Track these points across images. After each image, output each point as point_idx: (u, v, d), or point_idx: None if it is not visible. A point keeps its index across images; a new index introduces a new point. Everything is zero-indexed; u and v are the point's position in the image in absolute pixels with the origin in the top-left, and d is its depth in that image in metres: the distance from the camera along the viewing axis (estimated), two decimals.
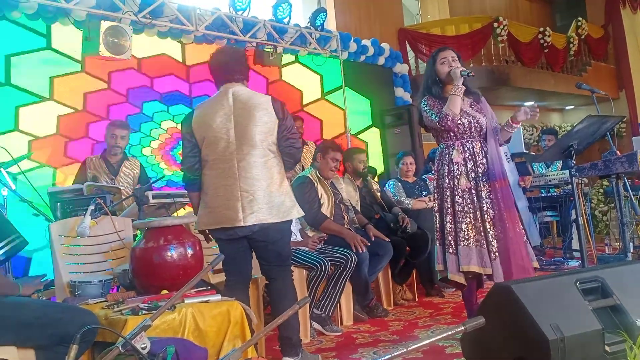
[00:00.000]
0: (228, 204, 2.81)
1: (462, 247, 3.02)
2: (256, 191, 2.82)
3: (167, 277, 2.58)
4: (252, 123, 2.84)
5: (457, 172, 3.08)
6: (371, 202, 4.74)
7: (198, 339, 2.30)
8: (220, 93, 2.93)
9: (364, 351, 3.29)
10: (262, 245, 2.91)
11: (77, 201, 3.43)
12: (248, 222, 2.79)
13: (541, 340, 2.12)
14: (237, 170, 2.82)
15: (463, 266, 3.01)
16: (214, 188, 2.86)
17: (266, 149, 2.87)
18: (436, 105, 3.11)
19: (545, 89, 9.93)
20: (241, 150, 2.83)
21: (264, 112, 2.87)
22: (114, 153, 4.14)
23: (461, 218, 3.04)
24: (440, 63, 3.15)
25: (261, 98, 2.93)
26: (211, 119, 2.86)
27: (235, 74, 2.93)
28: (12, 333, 2.01)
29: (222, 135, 2.84)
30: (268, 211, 2.83)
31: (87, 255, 3.00)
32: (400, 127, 7.03)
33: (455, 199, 3.07)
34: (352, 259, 3.83)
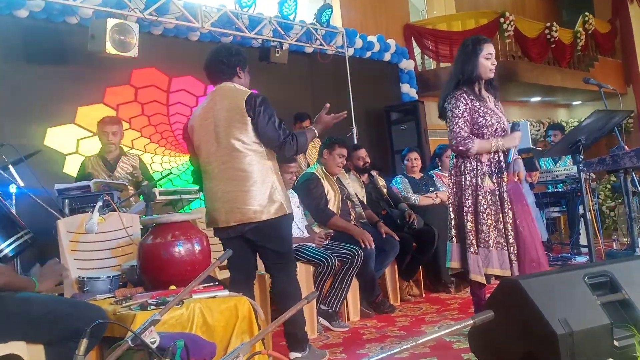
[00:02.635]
0: (213, 206, 2.90)
1: (482, 249, 2.98)
2: (235, 191, 2.83)
3: (175, 272, 2.59)
4: (226, 124, 2.84)
5: (481, 171, 3.01)
6: (377, 198, 4.74)
7: (206, 334, 2.31)
8: (208, 96, 3.00)
9: (371, 347, 3.30)
10: (259, 245, 2.94)
11: (85, 198, 3.45)
12: (230, 222, 2.84)
13: (550, 335, 2.12)
14: (218, 172, 2.87)
15: (486, 269, 2.96)
16: (205, 191, 2.98)
17: (244, 148, 2.83)
18: (467, 110, 2.97)
19: (552, 84, 9.88)
20: (218, 151, 2.86)
21: (236, 111, 2.83)
22: (109, 150, 4.12)
23: (483, 219, 2.98)
24: (486, 58, 3.01)
25: (239, 94, 2.87)
26: (198, 123, 2.93)
27: (217, 74, 2.94)
28: (21, 328, 2.02)
29: (207, 138, 2.89)
30: (252, 209, 2.81)
31: (95, 251, 3.01)
32: (407, 124, 7.02)
33: (478, 199, 2.99)
34: (359, 255, 3.83)
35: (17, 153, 3.28)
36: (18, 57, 4.46)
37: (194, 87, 5.60)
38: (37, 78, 4.50)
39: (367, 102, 7.00)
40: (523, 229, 3.02)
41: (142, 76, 5.24)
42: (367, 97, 6.97)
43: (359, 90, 6.72)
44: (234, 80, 2.95)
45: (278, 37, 5.96)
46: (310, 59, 6.51)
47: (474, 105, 3.02)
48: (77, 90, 4.72)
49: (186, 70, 5.40)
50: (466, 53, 3.06)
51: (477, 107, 3.02)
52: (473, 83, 3.04)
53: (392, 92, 7.48)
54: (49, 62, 4.60)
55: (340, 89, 6.55)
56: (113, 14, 4.63)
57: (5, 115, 4.27)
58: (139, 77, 5.21)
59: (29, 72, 4.48)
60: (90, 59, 4.63)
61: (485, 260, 2.97)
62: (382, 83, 7.35)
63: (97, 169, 4.07)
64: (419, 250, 4.51)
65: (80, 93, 4.75)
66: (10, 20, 4.42)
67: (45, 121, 4.53)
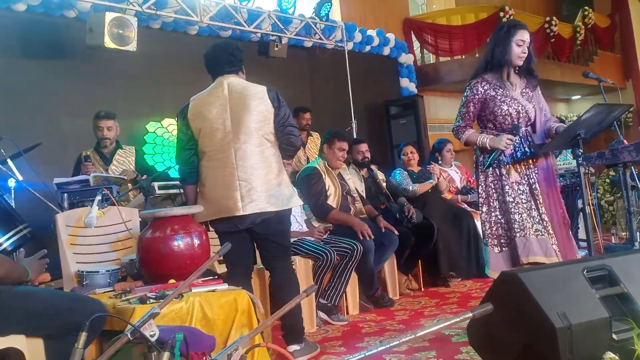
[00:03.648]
0: (227, 194, 2.84)
1: (520, 239, 2.88)
2: (254, 180, 2.84)
3: (174, 266, 2.59)
4: (247, 112, 2.86)
5: (504, 162, 2.97)
6: (377, 192, 4.74)
7: (206, 327, 2.31)
8: (215, 84, 2.98)
9: (370, 340, 3.31)
10: (264, 237, 2.93)
11: (84, 192, 3.44)
12: (247, 211, 2.81)
13: (548, 329, 2.12)
14: (234, 159, 2.84)
15: (523, 258, 2.86)
16: (211, 179, 2.89)
17: (262, 137, 2.89)
18: (474, 100, 2.96)
19: (551, 78, 9.86)
20: (238, 140, 2.85)
21: (259, 102, 2.89)
22: (104, 145, 4.11)
23: (513, 209, 2.91)
24: (518, 45, 2.94)
25: (256, 88, 2.95)
26: (207, 110, 2.89)
27: (225, 65, 2.96)
28: (21, 322, 2.02)
29: (218, 125, 2.87)
30: (267, 200, 2.84)
31: (94, 245, 3.01)
32: (406, 118, 7.01)
33: (505, 190, 2.94)
34: (358, 249, 3.84)
35: (16, 147, 3.28)
36: (15, 51, 4.45)
37: None
38: (34, 72, 4.48)
39: (366, 97, 6.99)
40: (552, 219, 2.98)
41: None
42: (366, 91, 6.96)
43: (358, 84, 6.71)
44: (239, 75, 3.00)
45: (277, 31, 5.95)
46: (309, 53, 6.49)
47: (488, 94, 2.97)
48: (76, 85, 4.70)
49: (184, 64, 5.38)
50: (499, 36, 2.99)
51: (492, 96, 2.97)
52: (502, 67, 2.98)
53: (392, 87, 7.47)
54: (46, 56, 4.58)
55: (340, 83, 6.55)
56: (111, 8, 4.61)
57: (3, 109, 4.26)
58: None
59: (27, 66, 4.47)
60: (88, 53, 4.62)
61: (525, 249, 2.87)
62: (382, 77, 7.34)
63: (94, 162, 4.06)
64: (418, 245, 4.52)
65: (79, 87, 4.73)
66: (7, 14, 4.40)
67: (44, 115, 4.51)
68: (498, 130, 3.00)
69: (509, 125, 2.98)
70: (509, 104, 2.97)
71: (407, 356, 2.88)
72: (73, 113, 4.58)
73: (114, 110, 4.37)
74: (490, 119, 3.01)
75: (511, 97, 2.99)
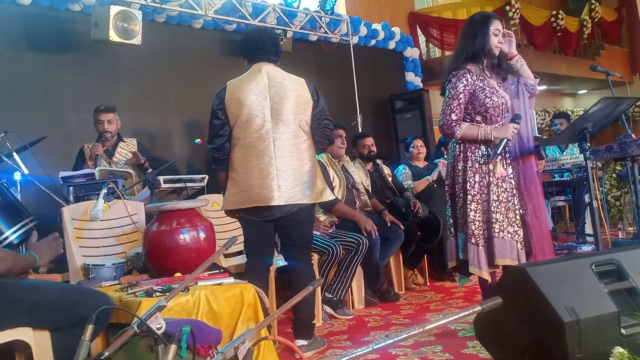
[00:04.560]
0: (263, 183, 2.79)
1: (498, 240, 2.84)
2: (291, 170, 2.83)
3: (180, 260, 2.60)
4: (287, 102, 2.85)
5: (493, 158, 2.89)
6: (382, 186, 4.73)
7: (212, 320, 2.31)
8: (253, 71, 2.92)
9: (375, 334, 3.30)
10: (292, 226, 2.90)
11: (89, 186, 3.44)
12: (282, 202, 2.79)
13: (556, 323, 2.11)
14: (272, 149, 2.81)
15: (499, 260, 2.83)
16: (246, 167, 2.83)
17: (300, 129, 2.89)
18: (465, 92, 2.85)
19: (557, 72, 9.81)
20: (277, 129, 2.82)
21: (299, 93, 2.90)
22: (106, 138, 4.11)
23: (495, 208, 2.86)
24: (494, 34, 2.90)
25: (297, 79, 2.96)
26: (245, 96, 2.84)
27: (270, 54, 2.93)
28: (28, 315, 2.02)
29: (257, 113, 2.83)
30: (302, 192, 2.84)
31: (100, 239, 3.01)
32: (411, 112, 6.98)
33: (490, 187, 2.88)
34: (364, 244, 3.83)
35: (21, 140, 3.27)
36: (20, 45, 4.44)
37: None
38: (40, 66, 4.48)
39: (371, 91, 6.96)
40: (530, 217, 2.96)
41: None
42: (371, 85, 6.93)
43: (363, 78, 6.68)
44: (277, 65, 2.98)
45: (282, 25, 5.92)
46: (314, 47, 6.46)
47: (477, 85, 2.90)
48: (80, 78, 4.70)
49: (189, 57, 5.37)
50: (475, 27, 2.95)
51: (481, 87, 2.90)
52: (481, 59, 2.93)
53: (397, 81, 7.43)
54: (52, 50, 4.58)
55: (345, 77, 6.52)
56: (116, 1, 4.59)
57: (8, 103, 4.25)
58: None
59: (32, 60, 4.46)
60: (93, 46, 4.61)
61: (503, 251, 2.83)
62: (387, 71, 7.30)
63: (92, 151, 4.06)
64: (424, 239, 4.51)
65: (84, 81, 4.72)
66: (12, 7, 4.39)
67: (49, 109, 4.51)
68: (487, 123, 2.93)
69: (497, 116, 2.93)
70: (497, 95, 2.92)
71: (413, 350, 2.87)
72: (78, 107, 4.57)
73: (119, 103, 4.37)
74: (480, 111, 2.92)
75: (495, 88, 2.93)
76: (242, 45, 3.00)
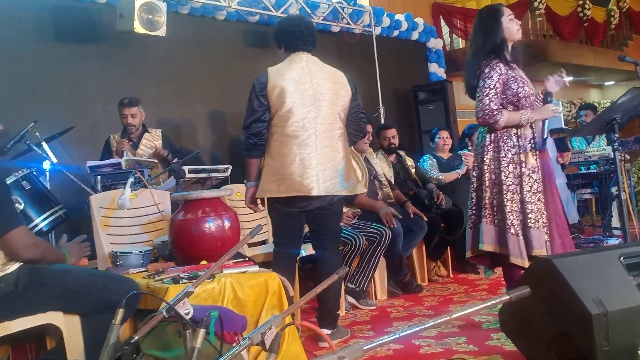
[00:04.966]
0: (304, 173, 2.78)
1: (534, 230, 2.84)
2: (332, 162, 2.84)
3: (205, 248, 2.62)
4: (328, 93, 2.85)
5: (524, 147, 2.89)
6: (405, 178, 4.70)
7: (237, 308, 2.33)
8: (293, 60, 2.89)
9: (398, 325, 3.30)
10: (325, 215, 2.91)
11: (116, 175, 3.49)
12: (321, 192, 2.80)
13: (584, 315, 2.08)
14: (314, 139, 2.81)
15: (536, 250, 2.82)
16: (287, 156, 2.80)
17: (340, 121, 2.90)
18: (500, 81, 2.84)
19: (584, 63, 9.62)
20: (318, 120, 2.82)
21: (340, 85, 2.90)
22: (130, 132, 4.16)
23: (529, 198, 2.85)
24: (510, 19, 2.91)
25: (337, 71, 2.95)
26: (287, 85, 2.80)
27: (309, 44, 2.92)
28: (59, 300, 2.07)
29: (299, 102, 2.81)
30: (339, 183, 2.85)
31: (126, 227, 3.06)
32: (435, 104, 6.92)
33: (522, 178, 2.87)
34: (387, 235, 3.82)
35: (50, 130, 3.33)
36: (48, 36, 4.50)
37: None
38: (67, 57, 4.54)
39: (394, 82, 6.92)
40: (551, 209, 2.96)
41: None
42: (394, 76, 6.88)
43: (386, 69, 6.64)
44: (313, 54, 2.96)
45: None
46: (337, 38, 6.44)
47: (509, 75, 2.89)
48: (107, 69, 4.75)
49: (213, 49, 5.40)
50: (485, 22, 2.95)
51: (513, 77, 2.89)
52: (502, 52, 2.91)
53: (420, 72, 7.37)
54: (78, 41, 4.64)
55: (367, 68, 6.49)
56: None
57: (37, 93, 4.33)
58: None
59: (60, 51, 4.52)
60: (119, 38, 4.66)
61: (539, 241, 2.84)
62: (410, 62, 7.24)
63: (119, 146, 4.12)
64: (447, 231, 4.48)
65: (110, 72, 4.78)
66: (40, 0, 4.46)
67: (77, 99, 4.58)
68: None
69: (528, 107, 2.91)
70: (528, 85, 2.92)
71: (437, 341, 2.86)
72: (105, 97, 4.63)
73: (144, 94, 4.42)
74: (513, 101, 2.90)
75: (524, 78, 2.94)
76: (279, 34, 2.96)
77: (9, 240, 1.95)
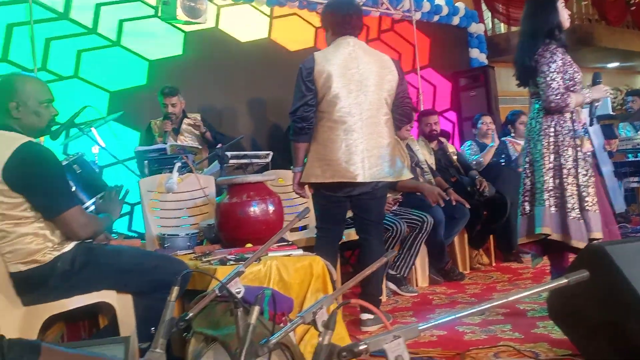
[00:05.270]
0: (350, 159, 2.77)
1: (592, 214, 2.83)
2: (378, 148, 2.82)
3: (251, 231, 2.66)
4: (378, 80, 2.83)
5: (579, 132, 2.89)
6: (447, 165, 4.64)
7: (282, 290, 2.35)
8: (342, 44, 2.86)
9: (441, 312, 3.28)
10: (371, 200, 2.90)
11: (161, 160, 3.55)
12: (367, 179, 2.79)
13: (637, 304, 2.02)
14: (361, 125, 2.79)
15: (595, 233, 2.81)
16: (334, 141, 2.79)
17: (386, 106, 2.88)
18: (562, 65, 2.84)
19: (631, 49, 9.29)
20: (366, 106, 2.81)
21: (388, 70, 2.87)
22: (171, 120, 4.22)
23: (586, 182, 2.85)
24: (562, 6, 2.92)
25: (383, 56, 2.93)
26: (334, 70, 2.79)
27: (357, 29, 2.91)
28: (112, 278, 2.13)
29: (345, 87, 2.79)
30: (385, 169, 2.84)
31: (173, 210, 3.12)
32: (476, 90, 6.80)
33: (578, 162, 2.87)
34: (429, 222, 3.78)
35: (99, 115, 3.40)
36: None
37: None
38: None
39: (435, 68, 6.83)
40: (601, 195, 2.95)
41: None
42: (435, 62, 6.79)
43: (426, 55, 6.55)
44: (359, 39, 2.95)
45: None
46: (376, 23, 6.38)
47: (566, 59, 2.88)
48: None
49: None
50: (542, 4, 2.94)
51: (569, 62, 2.90)
52: (557, 35, 2.90)
53: (461, 57, 7.24)
54: None
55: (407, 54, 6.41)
56: None
57: None
58: None
59: None
60: None
61: (596, 224, 2.82)
62: (451, 48, 7.13)
63: (161, 129, 4.19)
64: (490, 219, 4.41)
65: None
66: None
67: None
68: None
69: (580, 91, 2.90)
70: (579, 70, 2.92)
71: (481, 328, 2.83)
72: None
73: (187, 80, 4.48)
74: (569, 85, 2.88)
75: (575, 63, 2.93)
76: (327, 17, 2.93)
77: (66, 218, 2.02)
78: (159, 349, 1.48)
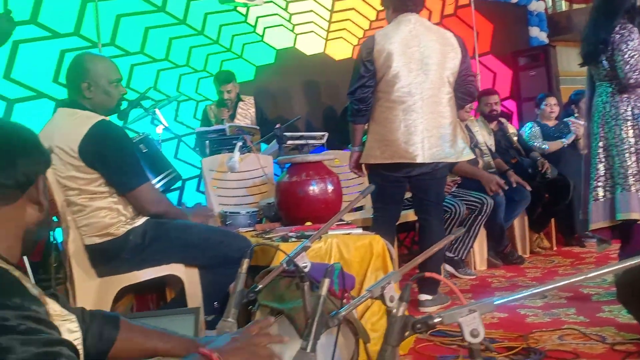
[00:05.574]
0: (410, 139, 2.75)
1: None
2: (439, 128, 2.78)
3: (310, 209, 2.68)
4: (438, 56, 2.78)
5: None
6: (507, 146, 4.53)
7: (343, 267, 2.36)
8: (402, 22, 2.81)
9: (501, 295, 3.20)
10: (431, 181, 2.88)
11: (221, 141, 3.63)
12: (427, 159, 2.77)
13: None
14: (421, 105, 2.75)
15: None
16: (393, 122, 2.77)
17: (448, 85, 2.82)
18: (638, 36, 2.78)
19: None
20: (427, 85, 2.76)
21: (450, 48, 2.81)
22: (227, 107, 4.27)
23: None
24: None
25: (446, 33, 2.87)
26: (395, 49, 2.75)
27: (418, 5, 2.87)
28: (180, 252, 2.21)
29: (406, 66, 2.75)
30: (447, 150, 2.81)
31: (233, 189, 3.19)
32: (536, 69, 6.57)
33: None
34: (488, 204, 3.72)
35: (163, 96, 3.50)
36: None
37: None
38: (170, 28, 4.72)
39: (493, 47, 6.64)
40: None
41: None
42: (493, 41, 6.61)
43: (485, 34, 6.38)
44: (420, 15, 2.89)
45: None
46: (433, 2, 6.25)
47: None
48: None
49: None
50: None
51: None
52: (634, 16, 2.82)
53: (521, 36, 7.01)
54: None
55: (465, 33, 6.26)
56: None
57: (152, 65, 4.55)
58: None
59: None
60: None
61: None
62: (510, 26, 6.91)
63: (218, 115, 4.26)
64: (552, 202, 4.29)
65: None
66: None
67: None
68: None
69: None
70: None
71: (544, 311, 2.77)
72: None
73: None
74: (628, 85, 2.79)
75: None
76: None
77: (137, 194, 2.10)
78: (230, 319, 1.52)
